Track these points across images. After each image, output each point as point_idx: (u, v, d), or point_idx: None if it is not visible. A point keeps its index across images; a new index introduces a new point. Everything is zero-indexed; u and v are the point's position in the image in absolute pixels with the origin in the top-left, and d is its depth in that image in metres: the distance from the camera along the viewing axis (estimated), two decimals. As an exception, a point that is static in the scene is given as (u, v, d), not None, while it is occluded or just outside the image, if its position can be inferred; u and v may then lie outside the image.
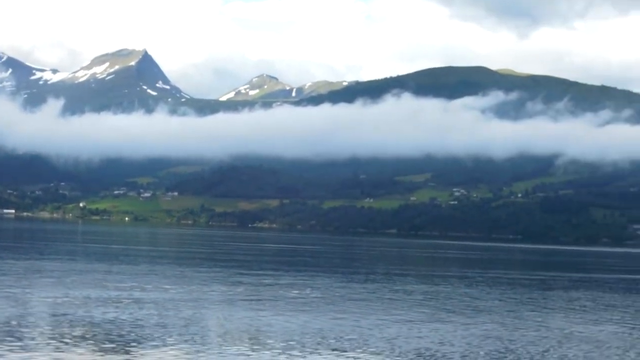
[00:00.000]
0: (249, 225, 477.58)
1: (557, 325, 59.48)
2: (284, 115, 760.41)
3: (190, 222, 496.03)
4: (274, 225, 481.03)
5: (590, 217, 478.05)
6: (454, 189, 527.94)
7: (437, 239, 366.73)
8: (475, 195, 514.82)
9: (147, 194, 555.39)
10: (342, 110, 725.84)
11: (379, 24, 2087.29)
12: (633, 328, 60.12)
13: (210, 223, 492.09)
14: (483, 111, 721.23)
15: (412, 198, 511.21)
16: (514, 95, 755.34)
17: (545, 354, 47.01)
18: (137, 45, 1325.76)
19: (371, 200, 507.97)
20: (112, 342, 44.46)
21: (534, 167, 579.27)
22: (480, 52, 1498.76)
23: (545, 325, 59.11)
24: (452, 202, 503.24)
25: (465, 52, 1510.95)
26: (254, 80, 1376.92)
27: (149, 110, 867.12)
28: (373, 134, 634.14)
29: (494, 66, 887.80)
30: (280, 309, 61.17)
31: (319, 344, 47.03)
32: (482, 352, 46.44)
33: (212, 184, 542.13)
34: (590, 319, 64.46)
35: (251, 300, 66.77)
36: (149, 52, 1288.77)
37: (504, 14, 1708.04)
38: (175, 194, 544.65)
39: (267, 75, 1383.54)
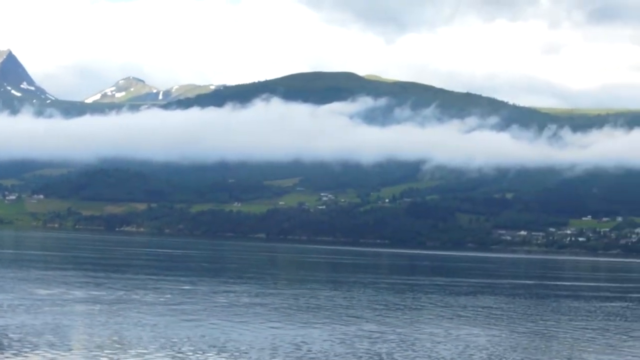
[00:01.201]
0: (116, 229, 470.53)
1: (426, 327, 59.30)
2: (152, 118, 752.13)
3: (56, 225, 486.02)
4: (142, 229, 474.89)
5: (456, 222, 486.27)
6: (322, 194, 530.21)
7: (305, 243, 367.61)
8: (343, 200, 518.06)
9: (12, 197, 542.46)
10: (211, 114, 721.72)
11: (247, 27, 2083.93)
12: (494, 329, 60.32)
13: (77, 226, 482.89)
14: (351, 117, 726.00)
15: (280, 202, 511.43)
16: (382, 102, 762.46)
17: (414, 355, 46.57)
18: (1, 45, 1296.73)
19: (239, 204, 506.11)
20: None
21: (401, 172, 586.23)
22: (348, 57, 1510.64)
23: (415, 327, 58.89)
24: (320, 207, 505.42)
25: (333, 57, 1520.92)
26: (120, 82, 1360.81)
27: (14, 111, 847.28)
28: (242, 138, 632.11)
29: (361, 72, 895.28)
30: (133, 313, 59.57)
31: (162, 347, 46.01)
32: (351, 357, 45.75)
33: (79, 187, 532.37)
34: (459, 322, 64.54)
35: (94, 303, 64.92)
36: (14, 53, 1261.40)
37: (371, 19, 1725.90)
38: (41, 196, 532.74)
39: (133, 78, 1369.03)
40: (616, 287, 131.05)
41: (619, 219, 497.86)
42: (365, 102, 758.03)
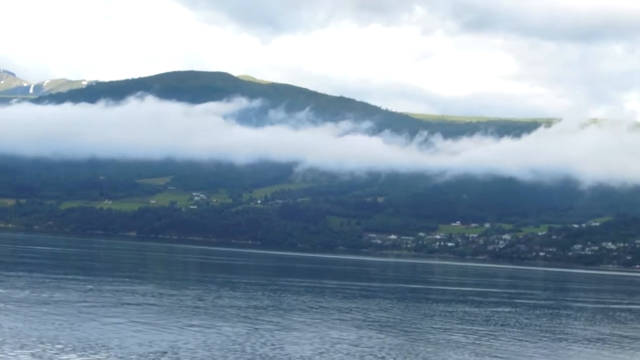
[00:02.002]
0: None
1: (294, 328, 59.53)
2: (23, 112, 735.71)
3: None
4: (10, 225, 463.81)
5: (328, 225, 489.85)
6: (194, 194, 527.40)
7: (176, 242, 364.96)
8: (215, 200, 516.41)
9: None
10: (83, 110, 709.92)
11: (121, 23, 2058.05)
12: (362, 330, 60.92)
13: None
14: (225, 117, 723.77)
15: (152, 201, 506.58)
16: (256, 103, 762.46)
17: (279, 355, 46.68)
18: None
19: (110, 202, 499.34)
20: None
21: (274, 174, 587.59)
22: (223, 57, 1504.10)
23: (283, 328, 59.04)
24: (192, 207, 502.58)
25: (208, 57, 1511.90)
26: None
27: None
28: (114, 135, 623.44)
29: (236, 72, 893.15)
30: None
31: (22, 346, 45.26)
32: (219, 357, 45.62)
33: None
34: (328, 323, 64.91)
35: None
36: None
37: (247, 19, 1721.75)
38: None
39: (3, 71, 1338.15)
40: (483, 292, 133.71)
41: (487, 225, 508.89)
42: (239, 103, 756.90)
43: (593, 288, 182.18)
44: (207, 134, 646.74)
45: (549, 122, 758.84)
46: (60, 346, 46.04)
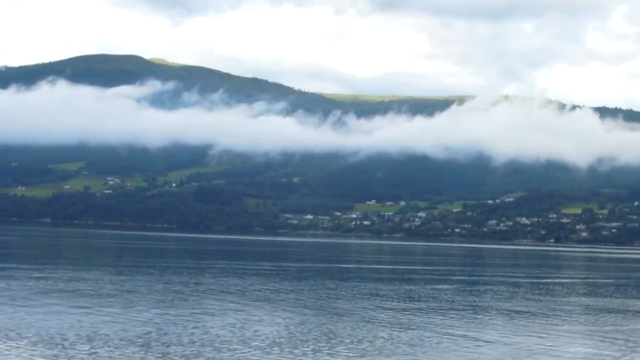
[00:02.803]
0: None
1: (211, 309, 59.41)
2: None
3: None
4: None
5: (244, 207, 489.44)
6: (109, 178, 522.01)
7: (92, 228, 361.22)
8: (130, 185, 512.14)
9: None
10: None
11: (29, 6, 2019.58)
12: (279, 310, 61.04)
13: None
14: (138, 100, 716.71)
15: (66, 186, 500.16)
16: (170, 85, 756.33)
17: (195, 338, 46.55)
18: None
19: (24, 188, 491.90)
20: None
21: (188, 156, 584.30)
22: (134, 40, 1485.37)
23: (198, 310, 58.89)
24: (106, 191, 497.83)
25: (119, 40, 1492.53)
26: None
27: None
28: (26, 121, 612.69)
29: (147, 55, 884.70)
30: None
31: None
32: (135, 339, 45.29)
33: None
34: (247, 304, 64.88)
35: None
36: None
37: (157, 1, 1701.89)
38: None
39: None
40: (401, 269, 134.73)
41: (403, 203, 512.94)
42: (152, 86, 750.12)
43: (520, 263, 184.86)
44: (120, 117, 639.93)
45: (461, 100, 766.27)
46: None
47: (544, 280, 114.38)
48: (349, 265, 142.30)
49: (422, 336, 50.93)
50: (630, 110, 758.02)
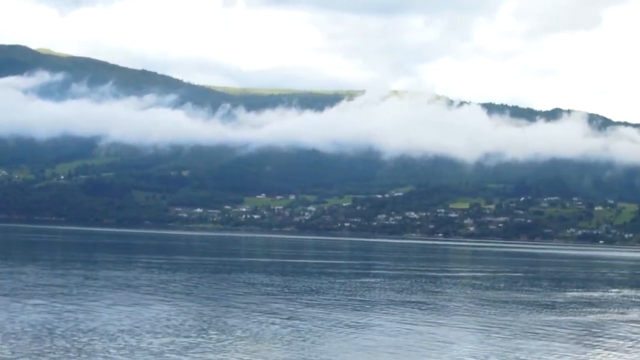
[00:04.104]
0: None
1: (100, 303, 59.05)
2: None
3: None
4: None
5: (133, 199, 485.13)
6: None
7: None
8: (17, 177, 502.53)
9: None
10: None
11: None
12: (168, 303, 60.88)
13: None
14: (25, 91, 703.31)
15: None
16: (58, 77, 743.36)
17: (85, 330, 46.27)
18: None
19: None
20: None
21: (77, 148, 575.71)
22: (20, 29, 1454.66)
23: (86, 303, 58.45)
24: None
25: (4, 29, 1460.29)
26: None
27: None
28: None
29: (34, 45, 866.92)
30: None
31: None
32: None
33: None
34: (137, 297, 64.60)
35: None
36: None
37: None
38: None
39: None
40: (289, 263, 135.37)
41: (292, 197, 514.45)
42: (41, 77, 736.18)
43: (409, 257, 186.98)
44: (7, 108, 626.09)
45: (351, 95, 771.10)
46: None
47: (433, 274, 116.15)
48: (239, 259, 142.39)
49: (314, 326, 51.40)
50: (516, 107, 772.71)
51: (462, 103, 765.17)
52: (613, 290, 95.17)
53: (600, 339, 51.76)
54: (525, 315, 62.99)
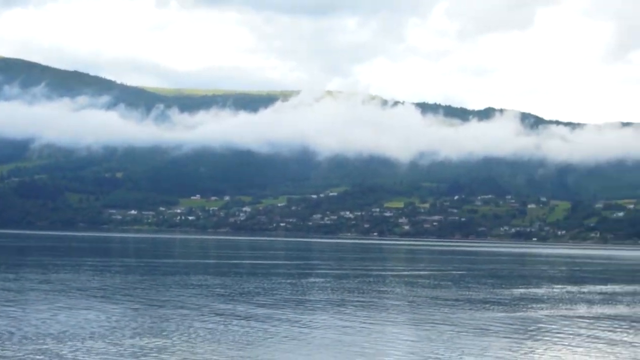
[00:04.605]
0: None
1: (33, 302, 58.37)
2: None
3: None
4: None
5: (67, 202, 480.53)
6: None
7: None
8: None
9: None
10: None
11: None
12: (106, 305, 60.36)
13: None
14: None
15: None
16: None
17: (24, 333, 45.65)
18: None
19: None
20: None
21: (9, 151, 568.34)
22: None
23: (23, 302, 57.77)
24: None
25: None
26: None
27: None
28: None
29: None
30: None
31: None
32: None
33: None
34: (64, 297, 63.91)
35: None
36: None
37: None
38: None
39: None
40: (224, 264, 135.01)
41: (227, 197, 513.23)
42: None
43: (345, 256, 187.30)
44: None
45: (285, 95, 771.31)
46: None
47: (373, 272, 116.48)
48: (174, 260, 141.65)
49: (251, 326, 51.26)
50: (450, 106, 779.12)
51: (396, 103, 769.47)
52: (556, 286, 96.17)
53: (548, 334, 52.22)
54: (469, 312, 63.32)
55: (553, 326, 55.97)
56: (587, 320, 60.09)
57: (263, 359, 41.09)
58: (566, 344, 48.38)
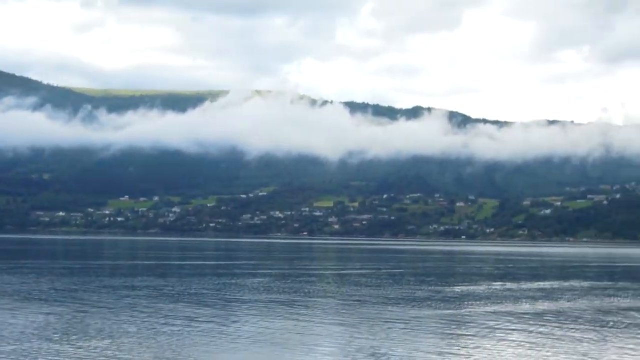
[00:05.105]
0: None
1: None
2: None
3: None
4: None
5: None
6: None
7: None
8: None
9: None
10: None
11: None
12: (23, 308, 59.30)
13: None
14: None
15: None
16: None
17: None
18: None
19: None
20: None
21: None
22: None
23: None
24: None
25: None
26: None
27: None
28: None
29: None
30: None
31: None
32: None
33: None
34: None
35: None
36: None
37: None
38: None
39: None
40: (154, 265, 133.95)
41: (156, 198, 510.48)
42: None
43: (275, 256, 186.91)
44: None
45: (214, 95, 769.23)
46: None
47: (300, 272, 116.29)
48: (103, 262, 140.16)
49: (178, 325, 50.62)
50: (378, 106, 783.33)
51: (325, 102, 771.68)
52: (496, 284, 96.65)
53: (486, 330, 52.25)
54: (403, 309, 63.22)
55: (492, 322, 56.03)
56: (531, 316, 60.23)
57: (189, 357, 40.50)
58: (504, 338, 48.48)
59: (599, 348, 45.36)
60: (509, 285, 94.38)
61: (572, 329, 53.45)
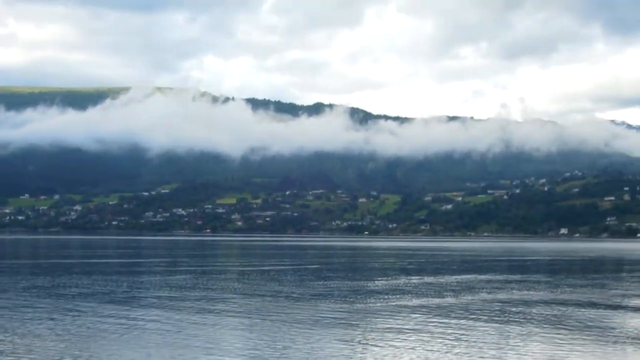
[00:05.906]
0: None
1: None
2: None
3: None
4: None
5: None
6: None
7: None
8: None
9: None
10: None
11: None
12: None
13: None
14: None
15: None
16: None
17: None
18: None
19: None
20: None
21: None
22: None
23: None
24: None
25: None
26: None
27: None
28: None
29: None
30: None
31: None
32: None
33: None
34: None
35: None
36: None
37: None
38: None
39: None
40: (55, 263, 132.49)
41: (57, 196, 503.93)
42: None
43: (179, 253, 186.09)
44: None
45: (114, 92, 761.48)
46: None
47: (203, 269, 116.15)
48: (2, 262, 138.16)
49: (81, 322, 50.42)
50: (279, 102, 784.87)
51: (226, 99, 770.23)
52: (414, 277, 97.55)
53: (396, 323, 52.98)
54: (310, 305, 63.73)
55: (418, 315, 56.79)
56: (458, 309, 61.12)
57: (93, 353, 40.46)
58: (420, 331, 49.21)
59: (523, 341, 46.32)
60: (426, 279, 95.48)
61: (498, 320, 54.55)
